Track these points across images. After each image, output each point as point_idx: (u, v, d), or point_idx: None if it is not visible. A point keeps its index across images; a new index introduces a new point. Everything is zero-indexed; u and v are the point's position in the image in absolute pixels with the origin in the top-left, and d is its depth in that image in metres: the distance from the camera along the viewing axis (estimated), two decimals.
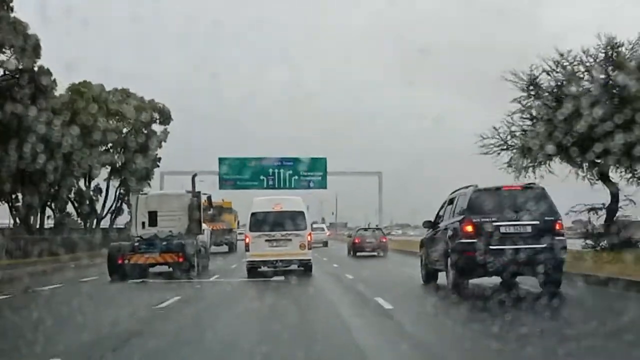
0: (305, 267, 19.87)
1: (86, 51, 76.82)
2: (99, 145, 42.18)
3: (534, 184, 14.47)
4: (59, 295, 15.70)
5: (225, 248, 42.77)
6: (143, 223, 21.73)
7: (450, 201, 14.65)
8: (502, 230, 12.50)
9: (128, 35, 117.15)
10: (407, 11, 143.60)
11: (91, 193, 47.93)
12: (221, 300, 14.00)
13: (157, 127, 49.17)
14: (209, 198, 25.44)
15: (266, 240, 19.34)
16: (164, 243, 20.37)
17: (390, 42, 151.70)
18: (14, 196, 38.53)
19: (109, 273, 20.01)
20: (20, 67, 31.10)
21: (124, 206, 48.11)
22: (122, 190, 49.14)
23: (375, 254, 34.21)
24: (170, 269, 20.57)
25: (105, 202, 48.97)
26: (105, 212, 48.96)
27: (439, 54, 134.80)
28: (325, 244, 52.18)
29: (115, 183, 48.56)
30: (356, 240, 35.56)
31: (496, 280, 13.95)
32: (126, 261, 19.89)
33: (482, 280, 13.91)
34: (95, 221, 48.39)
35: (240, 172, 46.21)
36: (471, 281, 13.83)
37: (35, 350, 7.44)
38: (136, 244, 20.56)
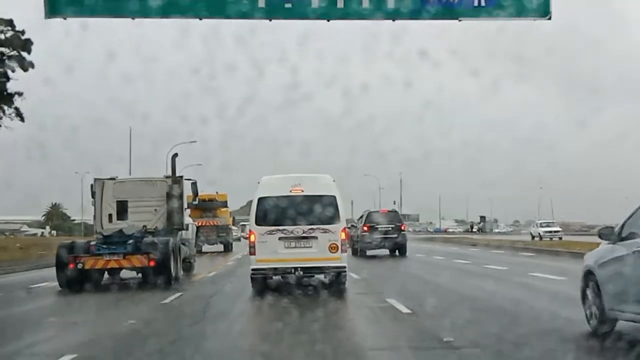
0: (337, 279, 14.99)
1: None
2: None
3: (394, 209, 32.58)
4: None
5: (220, 247, 39.98)
6: (110, 216, 18.33)
7: (361, 216, 32.89)
8: (379, 229, 30.74)
9: None
10: None
11: None
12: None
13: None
14: (194, 185, 20.76)
15: (280, 239, 14.43)
16: (130, 242, 16.76)
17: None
18: None
19: (58, 281, 16.57)
20: None
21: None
22: None
23: None
24: (140, 275, 17.32)
25: None
26: None
27: None
28: None
29: None
30: None
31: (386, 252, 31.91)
32: (79, 265, 16.24)
33: (377, 252, 31.82)
34: None
35: None
36: (369, 252, 31.73)
37: None
38: (92, 242, 16.94)
